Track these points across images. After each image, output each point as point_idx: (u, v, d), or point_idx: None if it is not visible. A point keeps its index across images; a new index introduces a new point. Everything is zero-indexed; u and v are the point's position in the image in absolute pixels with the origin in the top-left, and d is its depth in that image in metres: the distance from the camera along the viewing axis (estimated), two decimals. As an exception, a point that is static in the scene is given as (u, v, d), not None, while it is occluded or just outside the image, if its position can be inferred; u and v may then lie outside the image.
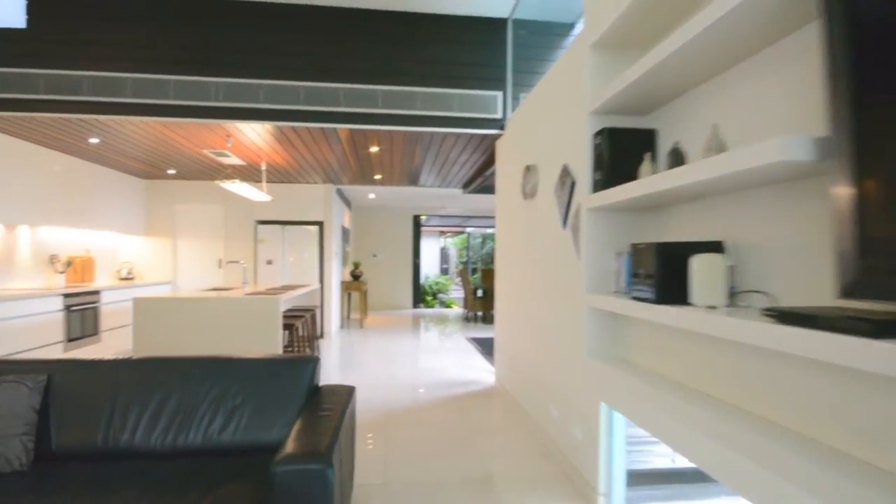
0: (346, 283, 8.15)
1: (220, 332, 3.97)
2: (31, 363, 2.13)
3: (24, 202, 4.72)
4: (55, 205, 5.17)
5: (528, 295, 3.46)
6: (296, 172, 6.32)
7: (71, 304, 4.76)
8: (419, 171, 6.23)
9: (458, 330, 8.11)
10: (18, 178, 4.64)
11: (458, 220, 13.96)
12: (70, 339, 4.75)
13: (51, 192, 5.09)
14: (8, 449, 1.75)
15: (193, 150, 5.03)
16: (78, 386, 2.01)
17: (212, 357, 2.21)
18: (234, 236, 6.95)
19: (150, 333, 3.91)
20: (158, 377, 2.09)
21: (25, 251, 5.04)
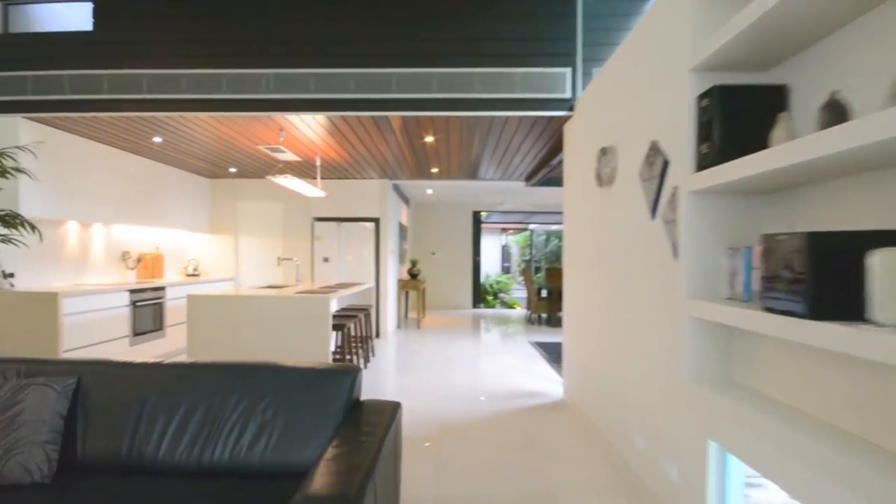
0: (403, 282, 7.97)
1: (269, 331, 3.85)
2: (62, 364, 2.02)
3: (98, 202, 4.91)
4: (127, 204, 5.36)
5: (604, 298, 2.99)
6: (351, 168, 6.18)
7: (136, 300, 4.89)
8: (478, 162, 5.86)
9: (521, 333, 7.66)
10: (94, 178, 4.82)
11: (520, 217, 13.44)
12: (136, 333, 4.88)
13: (124, 192, 5.28)
14: (29, 458, 1.62)
15: (249, 147, 5.00)
16: (107, 390, 1.88)
17: (242, 364, 2.00)
18: (292, 233, 6.96)
19: (203, 331, 3.86)
20: (187, 384, 1.91)
21: (100, 248, 5.25)
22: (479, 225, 11.10)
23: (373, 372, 4.96)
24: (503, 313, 10.39)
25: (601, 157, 2.99)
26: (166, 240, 6.42)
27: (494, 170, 6.35)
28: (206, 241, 7.02)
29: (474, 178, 6.93)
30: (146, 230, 6.00)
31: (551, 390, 4.33)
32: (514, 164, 5.95)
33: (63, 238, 4.75)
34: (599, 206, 3.11)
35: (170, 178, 6.16)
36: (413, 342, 6.68)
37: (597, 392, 3.13)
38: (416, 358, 5.68)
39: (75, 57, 3.93)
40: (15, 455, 1.62)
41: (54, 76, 3.93)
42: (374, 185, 6.92)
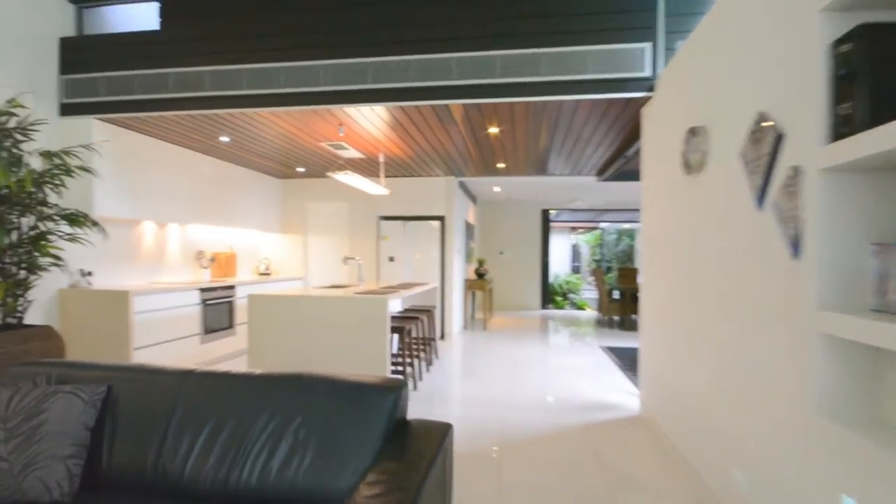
0: (469, 282, 7.76)
1: (326, 332, 3.78)
2: (95, 368, 1.90)
3: (173, 202, 5.15)
4: (202, 204, 5.61)
5: (693, 304, 2.56)
6: (416, 165, 6.06)
7: (207, 299, 5.08)
8: (546, 155, 5.49)
9: (592, 336, 7.14)
10: (168, 179, 5.07)
11: (590, 215, 12.74)
12: (206, 331, 5.07)
13: (198, 193, 5.53)
14: (50, 474, 1.52)
15: (312, 144, 5.02)
16: (136, 400, 1.77)
17: (275, 375, 1.82)
18: (358, 233, 6.99)
19: (263, 330, 3.88)
20: (217, 395, 1.76)
21: (175, 248, 5.54)
22: (548, 223, 10.63)
23: (434, 375, 4.78)
24: (572, 315, 9.85)
25: (689, 139, 2.56)
26: (240, 239, 6.69)
27: (564, 164, 5.94)
28: (278, 241, 7.26)
29: (543, 173, 6.55)
30: (220, 230, 6.28)
31: (626, 403, 3.89)
32: (585, 156, 5.51)
33: (139, 237, 5.04)
34: (686, 198, 2.68)
35: (243, 178, 6.40)
36: (478, 344, 6.44)
37: (682, 410, 2.70)
38: (480, 361, 5.43)
39: (144, 57, 4.04)
40: (35, 470, 1.53)
41: (124, 76, 4.07)
42: (440, 183, 6.77)
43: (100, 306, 4.15)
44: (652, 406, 3.39)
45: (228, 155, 5.67)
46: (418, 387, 4.34)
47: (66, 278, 4.27)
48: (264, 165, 6.28)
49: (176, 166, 5.18)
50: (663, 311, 3.16)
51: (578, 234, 18.10)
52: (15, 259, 3.17)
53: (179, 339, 4.67)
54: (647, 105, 3.56)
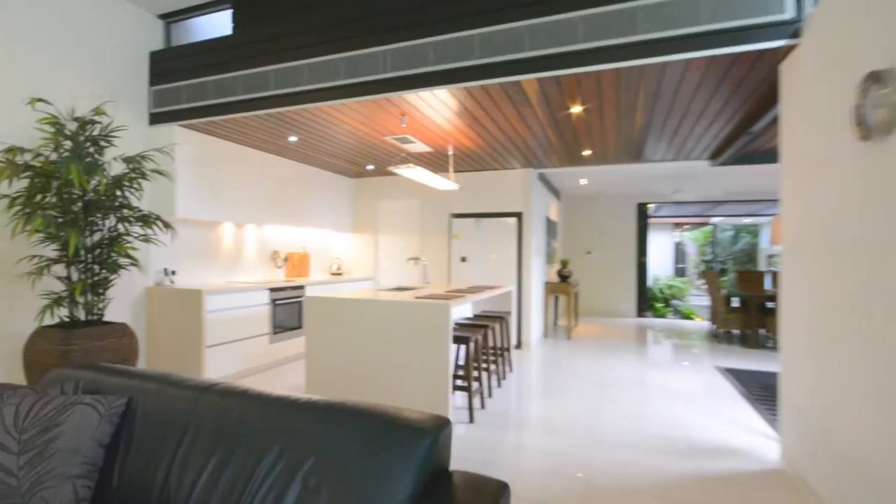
0: (551, 285, 7.08)
1: (384, 339, 3.43)
2: (121, 375, 1.75)
3: (250, 204, 5.20)
4: (277, 205, 5.63)
5: (870, 318, 1.79)
6: (489, 157, 5.56)
7: (276, 298, 5.01)
8: (643, 137, 4.69)
9: (703, 353, 6.12)
10: (246, 182, 5.12)
11: (699, 209, 11.30)
12: (275, 331, 5.00)
13: (274, 194, 5.56)
14: (55, 495, 1.37)
15: (377, 139, 4.73)
16: (152, 417, 1.58)
17: (290, 401, 1.52)
18: (428, 231, 6.65)
19: (320, 335, 3.63)
20: (230, 418, 1.53)
21: (252, 248, 5.58)
22: (645, 219, 9.53)
23: (506, 392, 4.25)
24: (677, 325, 8.69)
25: (867, 90, 1.80)
26: (313, 239, 6.67)
27: (666, 147, 5.08)
28: (350, 241, 7.16)
29: (639, 160, 5.70)
30: (294, 230, 6.28)
31: (757, 448, 3.07)
32: (695, 135, 4.62)
33: (219, 238, 5.11)
34: (860, 174, 1.90)
35: (316, 179, 6.36)
36: (560, 356, 5.77)
37: (850, 468, 1.92)
38: (561, 377, 4.78)
39: (218, 62, 4.06)
40: (42, 490, 1.38)
41: (200, 83, 4.13)
42: (517, 176, 6.20)
43: (178, 304, 4.22)
44: (799, 457, 2.58)
45: (301, 156, 5.61)
46: (486, 405, 3.85)
47: (153, 277, 4.40)
48: (335, 165, 6.16)
49: (252, 169, 5.22)
50: (819, 328, 2.36)
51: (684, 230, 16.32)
52: (100, 258, 3.21)
53: (249, 338, 4.67)
54: (790, 58, 2.74)
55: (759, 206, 10.42)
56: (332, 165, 6.26)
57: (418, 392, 3.33)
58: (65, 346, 2.91)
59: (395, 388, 3.40)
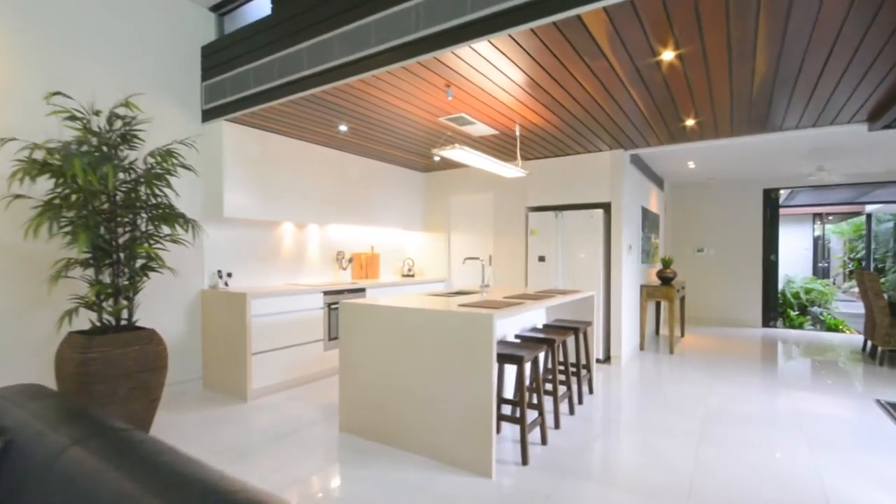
0: (649, 288, 5.94)
1: (418, 354, 2.82)
2: (27, 401, 1.37)
3: (310, 202, 4.95)
4: (340, 204, 5.34)
5: None
6: (568, 137, 4.69)
7: (332, 302, 4.65)
8: (768, 93, 3.52)
9: (856, 378, 4.61)
10: (305, 179, 4.87)
11: (847, 194, 9.07)
12: (331, 337, 4.65)
13: (337, 192, 5.28)
14: None
15: (430, 121, 4.14)
16: (15, 472, 1.18)
17: (160, 480, 0.94)
18: (503, 228, 5.92)
19: (353, 346, 3.12)
20: (82, 497, 1.01)
21: (315, 248, 5.33)
22: (774, 209, 7.81)
23: (579, 423, 3.39)
24: (818, 338, 6.91)
25: None
26: (382, 239, 6.30)
27: (802, 108, 3.81)
28: (422, 240, 6.68)
29: (763, 129, 4.43)
30: (361, 230, 5.95)
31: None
32: (845, 86, 3.35)
33: (279, 238, 4.90)
34: None
35: (383, 174, 5.98)
36: (657, 376, 4.70)
37: None
38: (655, 405, 3.78)
39: (259, 46, 3.77)
40: None
41: (241, 73, 3.89)
42: (604, 160, 5.22)
43: (226, 308, 4.03)
44: None
45: (363, 149, 5.25)
46: (550, 439, 3.05)
47: (207, 279, 4.29)
48: (401, 158, 5.72)
49: (311, 165, 4.97)
50: None
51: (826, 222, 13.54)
52: (127, 260, 3.04)
53: (301, 344, 4.35)
54: None
55: (939, 188, 8.02)
56: (397, 159, 5.82)
57: (456, 422, 2.66)
58: (83, 353, 2.73)
59: (430, 416, 2.77)
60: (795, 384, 4.41)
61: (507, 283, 5.84)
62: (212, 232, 4.25)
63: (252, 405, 3.72)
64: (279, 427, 3.28)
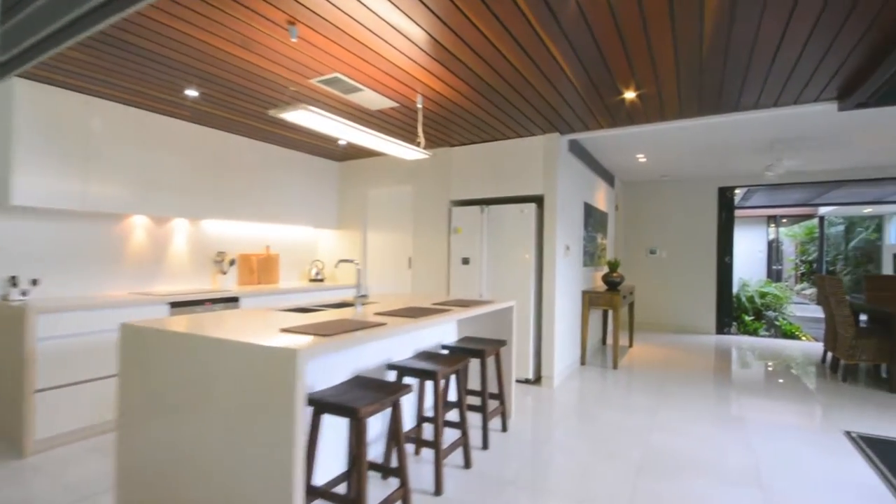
0: (592, 295, 5.12)
1: (213, 402, 1.84)
2: None
3: (176, 192, 3.93)
4: (223, 195, 4.30)
5: None
6: (492, 117, 3.81)
7: (187, 315, 3.61)
8: (721, 59, 2.70)
9: (820, 400, 3.88)
10: (165, 163, 3.84)
11: (802, 195, 8.57)
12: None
13: (221, 181, 4.28)
14: None
15: (300, 83, 3.16)
16: None
17: None
18: (424, 225, 4.99)
19: (136, 387, 2.11)
20: None
21: (182, 248, 4.27)
22: (730, 210, 7.17)
23: (469, 486, 2.48)
24: (775, 347, 6.28)
25: None
26: (286, 238, 5.29)
27: (760, 80, 3.02)
28: (335, 239, 5.68)
29: (716, 109, 3.65)
30: (254, 227, 4.92)
31: None
32: (812, 53, 2.56)
33: (126, 236, 3.83)
34: None
35: (288, 162, 4.98)
36: (593, 400, 3.86)
37: None
38: (582, 445, 2.91)
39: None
40: None
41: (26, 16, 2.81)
42: (537, 147, 4.36)
43: (2, 329, 2.92)
44: None
45: (250, 130, 4.21)
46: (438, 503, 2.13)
47: None
48: (305, 143, 4.72)
49: (173, 146, 3.90)
50: None
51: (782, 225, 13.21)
52: None
53: (114, 375, 3.19)
54: None
55: (893, 189, 7.58)
56: (303, 144, 4.83)
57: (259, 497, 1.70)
58: None
59: (228, 490, 1.80)
60: (752, 411, 3.64)
61: (428, 289, 4.92)
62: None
63: (30, 463, 2.64)
64: (52, 501, 2.25)
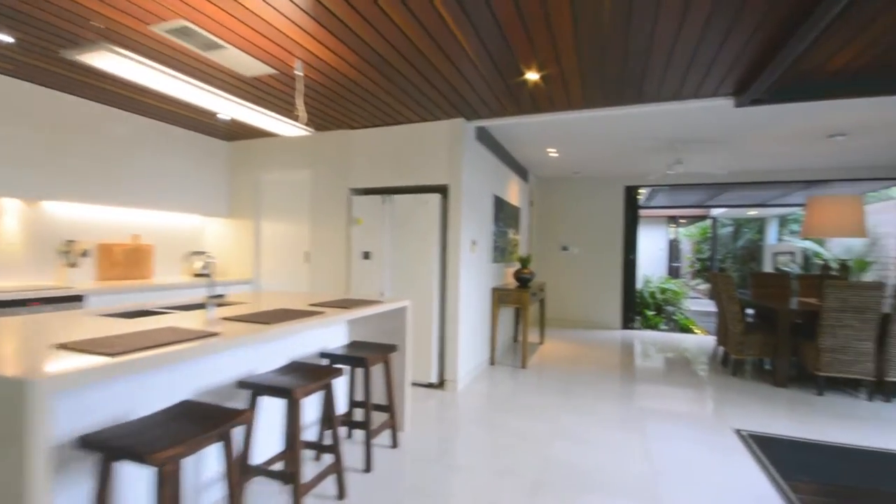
0: (501, 292, 4.89)
1: None
2: None
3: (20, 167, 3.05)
4: (71, 172, 3.50)
5: None
6: (390, 95, 3.37)
7: None
8: (621, 39, 2.48)
9: (712, 396, 3.92)
10: None
11: (698, 197, 9.07)
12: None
13: (67, 156, 3.48)
14: None
15: (136, 28, 2.52)
16: None
17: None
18: (323, 215, 4.46)
19: None
20: None
21: (14, 236, 3.41)
22: (634, 209, 7.33)
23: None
24: (673, 341, 6.49)
25: None
26: (166, 226, 4.51)
27: (661, 69, 2.87)
28: (226, 229, 4.97)
29: (620, 99, 3.50)
30: (120, 213, 4.11)
31: None
32: (707, 48, 2.42)
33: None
34: None
35: (164, 138, 4.22)
36: (497, 406, 3.59)
37: None
38: (475, 466, 2.60)
39: None
40: None
41: None
42: (442, 132, 4.00)
43: None
44: None
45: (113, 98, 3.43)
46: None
47: None
48: (185, 117, 3.98)
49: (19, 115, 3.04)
50: None
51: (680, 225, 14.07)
52: None
53: None
54: None
55: (773, 193, 8.21)
56: (183, 119, 4.09)
57: None
58: None
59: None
60: (651, 411, 3.55)
61: (327, 285, 4.41)
62: None
63: None
64: None
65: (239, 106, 2.57)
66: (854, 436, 3.08)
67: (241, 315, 2.14)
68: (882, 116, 3.72)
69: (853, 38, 2.46)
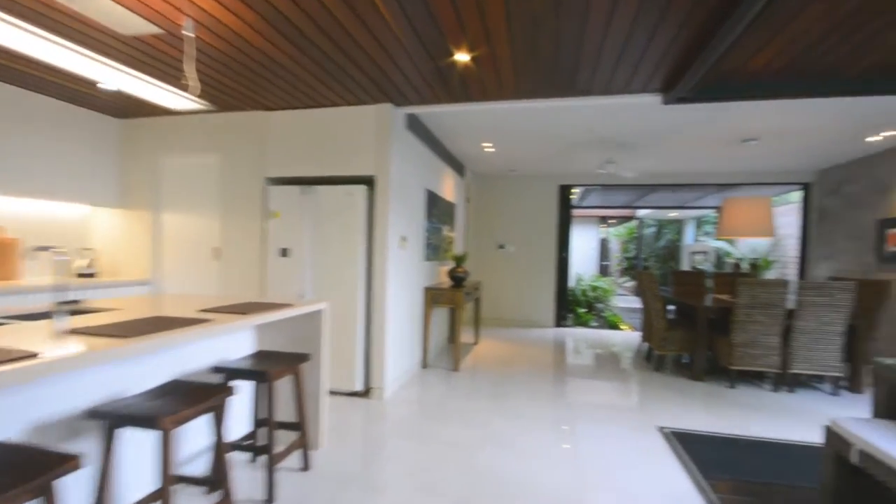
0: (434, 292, 4.64)
1: None
2: None
3: None
4: None
5: None
6: (305, 70, 2.99)
7: None
8: (552, 21, 2.31)
9: (638, 393, 3.92)
10: None
11: (627, 197, 9.39)
12: None
13: None
14: None
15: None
16: None
17: None
18: (235, 207, 3.97)
19: None
20: None
21: None
22: (568, 208, 7.39)
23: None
24: (601, 338, 6.60)
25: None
26: (40, 217, 3.79)
27: (594, 62, 2.75)
28: (118, 221, 4.30)
29: (551, 89, 3.36)
30: (-31, 196, 3.39)
31: None
32: (636, 42, 2.32)
33: None
34: None
35: (34, 112, 3.51)
36: (426, 415, 3.34)
37: None
38: (395, 485, 2.33)
39: None
40: None
41: None
42: (368, 117, 3.67)
43: None
44: None
45: None
46: None
47: None
48: (56, 85, 3.33)
49: None
50: None
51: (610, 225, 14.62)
52: None
53: None
54: None
55: (691, 196, 8.67)
56: (51, 86, 3.43)
57: None
58: None
59: None
60: (579, 411, 3.46)
61: (239, 286, 3.92)
62: None
63: None
64: None
65: (113, 70, 2.11)
66: (766, 428, 3.16)
67: (98, 327, 1.70)
68: (791, 123, 3.90)
69: (771, 38, 2.46)
